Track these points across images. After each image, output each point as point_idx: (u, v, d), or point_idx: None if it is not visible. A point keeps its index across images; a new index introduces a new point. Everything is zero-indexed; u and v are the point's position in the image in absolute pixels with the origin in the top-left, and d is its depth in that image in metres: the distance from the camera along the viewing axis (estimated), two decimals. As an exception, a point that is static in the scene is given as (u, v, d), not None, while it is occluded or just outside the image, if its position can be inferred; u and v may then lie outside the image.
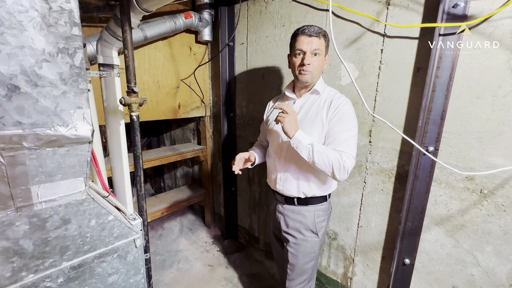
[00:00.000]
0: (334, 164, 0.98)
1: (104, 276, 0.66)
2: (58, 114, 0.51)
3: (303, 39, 1.04)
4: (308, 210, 1.17)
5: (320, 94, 1.13)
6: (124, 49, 0.73)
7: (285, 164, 1.17)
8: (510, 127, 1.00)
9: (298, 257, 1.22)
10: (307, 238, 1.19)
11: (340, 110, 1.05)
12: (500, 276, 1.10)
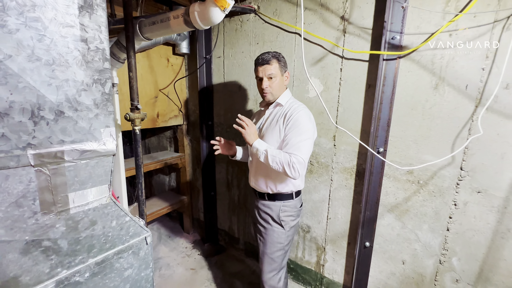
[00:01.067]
0: (284, 164, 1.15)
1: (121, 271, 0.75)
2: (91, 132, 0.61)
3: (258, 68, 1.30)
4: (275, 205, 1.36)
5: (283, 106, 1.32)
6: (129, 72, 0.83)
7: (256, 165, 1.39)
8: (435, 132, 1.31)
9: (267, 245, 1.40)
10: (273, 229, 1.37)
11: (293, 118, 1.23)
12: (434, 247, 1.40)
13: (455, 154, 1.27)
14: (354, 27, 1.44)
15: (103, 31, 0.60)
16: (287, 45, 1.69)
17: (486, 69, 1.15)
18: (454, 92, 1.23)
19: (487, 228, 1.25)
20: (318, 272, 1.88)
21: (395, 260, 1.54)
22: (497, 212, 1.22)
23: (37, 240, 0.55)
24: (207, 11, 0.75)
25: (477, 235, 1.28)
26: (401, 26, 1.28)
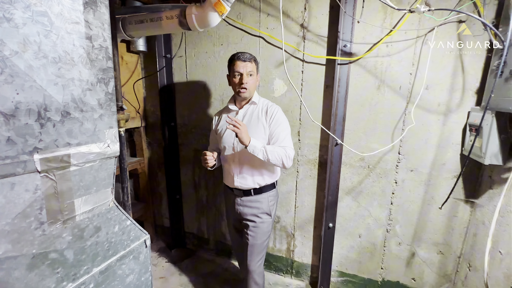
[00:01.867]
0: (283, 157, 1.30)
1: (123, 277, 0.73)
2: (96, 134, 0.58)
3: (239, 63, 1.31)
4: (262, 197, 1.44)
5: (257, 104, 1.41)
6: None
7: (239, 165, 1.41)
8: (380, 124, 1.59)
9: (257, 237, 1.47)
10: (264, 220, 1.46)
11: (275, 116, 1.37)
12: (382, 219, 1.71)
13: (394, 141, 1.57)
14: (312, 35, 1.63)
15: (106, 29, 0.58)
16: (252, 47, 1.79)
17: (413, 74, 1.47)
18: (392, 92, 1.53)
19: (418, 198, 1.60)
20: (288, 258, 2.04)
21: (353, 235, 1.80)
22: (424, 185, 1.57)
23: (44, 253, 0.51)
24: (206, 15, 0.77)
25: (412, 205, 1.62)
26: (351, 36, 1.51)
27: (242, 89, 1.33)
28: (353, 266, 1.85)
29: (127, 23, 0.82)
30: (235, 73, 1.33)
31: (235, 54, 1.33)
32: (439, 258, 1.62)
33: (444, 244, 1.59)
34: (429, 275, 1.67)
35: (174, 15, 0.82)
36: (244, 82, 1.31)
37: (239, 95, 1.36)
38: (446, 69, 1.40)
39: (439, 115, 1.46)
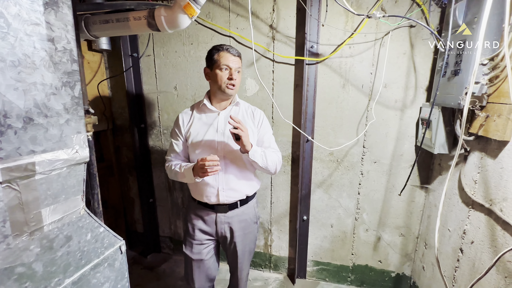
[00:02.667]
0: (277, 162, 1.25)
1: (98, 286, 0.71)
2: (63, 140, 0.55)
3: (229, 56, 1.15)
4: (249, 207, 1.32)
5: (240, 106, 1.29)
6: None
7: (225, 175, 1.22)
8: (345, 120, 1.70)
9: (248, 245, 1.36)
10: (252, 230, 1.35)
11: (263, 120, 1.31)
12: (351, 209, 1.83)
13: (359, 136, 1.70)
14: (281, 35, 1.68)
15: (70, 30, 0.55)
16: (223, 47, 1.79)
17: (373, 73, 1.60)
18: (355, 90, 1.65)
19: (381, 187, 1.75)
20: (266, 252, 2.10)
21: (326, 226, 1.91)
22: (386, 174, 1.72)
23: (9, 268, 0.48)
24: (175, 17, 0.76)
25: (376, 193, 1.77)
26: (317, 38, 1.60)
27: (230, 85, 1.16)
28: (327, 254, 1.97)
29: (90, 23, 0.78)
30: (222, 67, 1.14)
31: (222, 45, 1.16)
32: (401, 240, 1.80)
33: (404, 227, 1.77)
34: (393, 256, 1.84)
35: (142, 16, 0.80)
36: (234, 78, 1.15)
37: (226, 92, 1.17)
38: (401, 69, 1.55)
39: (397, 111, 1.61)
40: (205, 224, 1.30)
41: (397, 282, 1.87)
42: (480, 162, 1.16)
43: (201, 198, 1.26)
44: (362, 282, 1.94)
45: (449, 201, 1.40)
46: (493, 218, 1.07)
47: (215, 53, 1.17)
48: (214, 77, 1.19)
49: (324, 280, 2.02)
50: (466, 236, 1.24)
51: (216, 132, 1.23)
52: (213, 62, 1.17)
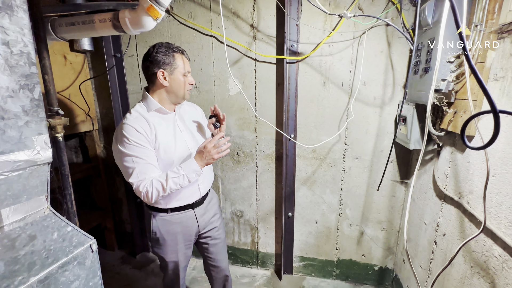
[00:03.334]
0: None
1: (67, 284, 0.72)
2: (23, 141, 0.56)
3: (187, 61, 1.14)
4: (212, 192, 1.43)
5: (182, 104, 1.25)
6: (43, 75, 0.76)
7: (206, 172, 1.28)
8: (327, 118, 1.73)
9: (222, 234, 1.44)
10: (220, 214, 1.46)
11: (203, 113, 1.41)
12: (334, 205, 1.87)
13: (340, 133, 1.73)
14: (262, 35, 1.70)
15: (27, 34, 0.56)
16: (205, 46, 1.80)
17: (352, 71, 1.63)
18: (336, 88, 1.68)
19: (363, 183, 1.78)
20: (254, 249, 2.13)
21: (311, 222, 1.95)
22: (367, 170, 1.76)
23: (-32, 267, 0.49)
24: (139, 19, 0.77)
25: (359, 189, 1.80)
26: (297, 37, 1.62)
27: (189, 90, 1.18)
28: (312, 250, 2.00)
29: (57, 25, 0.78)
30: (185, 73, 1.13)
31: (176, 47, 1.12)
32: (383, 234, 1.84)
33: (386, 221, 1.81)
34: (376, 250, 1.88)
35: (107, 18, 0.81)
36: (193, 83, 1.18)
37: (185, 97, 1.19)
38: (379, 67, 1.58)
39: (376, 108, 1.64)
40: (185, 227, 1.26)
41: (380, 276, 1.92)
42: (450, 157, 1.20)
43: (181, 201, 1.21)
44: (347, 276, 1.99)
45: (424, 195, 1.44)
46: (461, 211, 1.11)
47: (173, 56, 1.10)
48: (175, 82, 1.13)
49: (310, 275, 2.06)
50: (439, 228, 1.28)
51: (181, 132, 1.21)
52: (174, 66, 1.11)
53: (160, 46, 1.09)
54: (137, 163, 1.06)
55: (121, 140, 1.05)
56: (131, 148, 1.05)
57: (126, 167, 1.07)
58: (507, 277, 0.84)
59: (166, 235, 1.23)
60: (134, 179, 1.06)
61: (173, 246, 1.26)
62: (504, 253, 0.86)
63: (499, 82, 0.92)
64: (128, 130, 1.05)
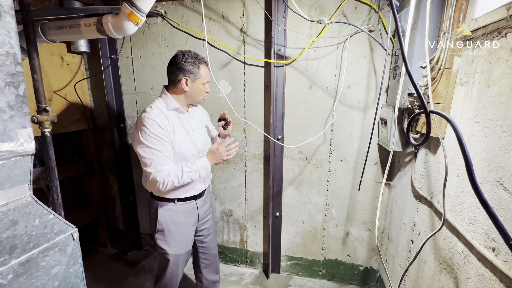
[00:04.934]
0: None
1: (48, 269, 0.77)
2: (7, 133, 0.62)
3: (208, 72, 1.29)
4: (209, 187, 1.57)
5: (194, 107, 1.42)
6: (33, 74, 0.81)
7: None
8: (313, 120, 1.78)
9: (215, 226, 1.60)
10: (213, 207, 1.60)
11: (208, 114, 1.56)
12: (321, 205, 1.91)
13: (326, 135, 1.78)
14: (251, 39, 1.76)
15: (13, 36, 0.62)
16: (197, 50, 1.86)
17: (337, 75, 1.68)
18: (321, 91, 1.73)
19: (348, 184, 1.83)
20: (242, 248, 2.17)
21: (298, 221, 1.99)
22: (352, 172, 1.80)
23: (-49, 245, 0.55)
24: (121, 24, 0.83)
25: (344, 190, 1.85)
26: (284, 41, 1.68)
27: (205, 97, 1.33)
28: (299, 249, 2.04)
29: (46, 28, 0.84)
30: (205, 82, 1.27)
31: (202, 58, 1.25)
32: (368, 235, 1.88)
33: (370, 222, 1.85)
34: (361, 250, 1.91)
35: (92, 22, 0.87)
36: (209, 91, 1.33)
37: (201, 102, 1.35)
38: (362, 71, 1.64)
39: (360, 111, 1.70)
40: (188, 216, 1.38)
41: (365, 276, 1.95)
42: (425, 158, 1.25)
43: (186, 193, 1.34)
44: (332, 276, 2.02)
45: (404, 195, 1.49)
46: (433, 210, 1.15)
47: (198, 66, 1.23)
48: (195, 90, 1.26)
49: (297, 275, 2.09)
50: (415, 228, 1.32)
51: (192, 131, 1.34)
52: (197, 76, 1.24)
53: (189, 55, 1.21)
54: (156, 155, 1.17)
55: (144, 132, 1.16)
56: (152, 141, 1.16)
57: (145, 157, 1.18)
58: (468, 272, 0.88)
59: (171, 224, 1.33)
60: (152, 169, 1.18)
61: (177, 237, 1.36)
62: (466, 249, 0.90)
63: (463, 86, 0.97)
64: (151, 124, 1.16)
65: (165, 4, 1.84)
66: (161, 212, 1.32)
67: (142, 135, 1.16)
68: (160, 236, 1.34)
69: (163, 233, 1.34)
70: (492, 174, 0.79)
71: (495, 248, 0.77)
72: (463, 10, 0.97)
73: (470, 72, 0.93)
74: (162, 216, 1.32)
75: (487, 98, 0.83)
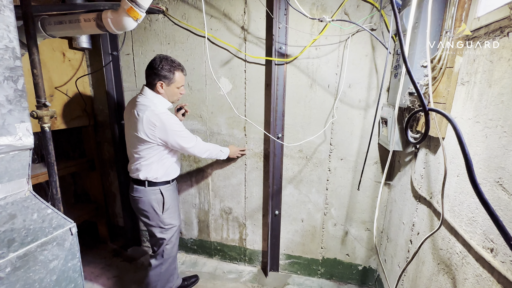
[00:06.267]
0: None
1: (46, 263, 0.78)
2: (6, 127, 0.62)
3: (183, 77, 1.50)
4: None
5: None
6: (32, 69, 0.82)
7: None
8: (313, 119, 1.78)
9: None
10: None
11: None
12: (320, 204, 1.91)
13: (326, 134, 1.77)
14: (252, 37, 1.76)
15: (12, 30, 0.62)
16: (198, 47, 1.86)
17: (338, 74, 1.68)
18: (322, 90, 1.72)
19: (348, 183, 1.82)
20: (241, 246, 2.17)
21: (297, 220, 1.99)
22: (352, 171, 1.80)
23: (-51, 237, 0.55)
24: (120, 20, 0.83)
25: (343, 189, 1.84)
26: (285, 39, 1.67)
27: (178, 98, 1.57)
28: (298, 248, 2.04)
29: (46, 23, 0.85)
30: (180, 86, 1.50)
31: (178, 64, 1.46)
32: (367, 234, 1.87)
33: (370, 222, 1.84)
34: (360, 250, 1.91)
35: (91, 18, 0.87)
36: (182, 93, 1.57)
37: (176, 102, 1.60)
38: (363, 70, 1.63)
39: (360, 110, 1.69)
40: (176, 192, 1.72)
41: (364, 275, 1.95)
42: (425, 158, 1.24)
43: (175, 174, 1.64)
44: (331, 275, 2.02)
45: (404, 195, 1.48)
46: (432, 210, 1.14)
47: (173, 72, 1.44)
48: (169, 92, 1.49)
49: (296, 273, 2.09)
50: (414, 228, 1.32)
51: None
52: (172, 81, 1.46)
53: (165, 62, 1.41)
54: (188, 132, 1.53)
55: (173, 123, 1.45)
56: (181, 126, 1.50)
57: (186, 135, 1.51)
58: (465, 272, 0.88)
59: (172, 201, 1.63)
60: (192, 137, 1.56)
61: (177, 210, 1.68)
62: (464, 249, 0.89)
63: (465, 86, 0.96)
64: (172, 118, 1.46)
65: (166, 1, 1.84)
66: (165, 193, 1.57)
67: (173, 125, 1.44)
68: (167, 214, 1.59)
69: (168, 211, 1.59)
70: (491, 174, 0.78)
71: (493, 249, 0.77)
72: (466, 9, 0.96)
73: (471, 72, 0.93)
74: (167, 197, 1.57)
75: (488, 98, 0.82)
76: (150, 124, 1.38)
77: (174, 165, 1.61)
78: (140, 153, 1.47)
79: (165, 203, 1.57)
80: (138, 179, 1.52)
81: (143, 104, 1.41)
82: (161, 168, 1.53)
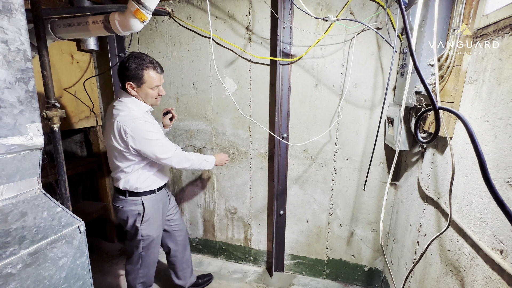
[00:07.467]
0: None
1: (55, 260, 0.79)
2: (17, 127, 0.64)
3: (157, 75, 1.31)
4: None
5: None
6: (42, 70, 0.84)
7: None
8: (318, 119, 1.77)
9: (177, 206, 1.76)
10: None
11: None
12: (325, 204, 1.90)
13: (331, 134, 1.76)
14: (257, 37, 1.76)
15: (23, 33, 0.64)
16: (203, 48, 1.88)
17: (343, 74, 1.67)
18: (327, 90, 1.72)
19: (353, 184, 1.81)
20: (246, 246, 2.17)
21: (302, 220, 1.98)
22: (357, 171, 1.78)
23: (-36, 234, 0.57)
24: (128, 22, 0.84)
25: (349, 189, 1.83)
26: (290, 39, 1.67)
27: (158, 99, 1.40)
28: (303, 248, 2.03)
29: (55, 26, 0.87)
30: (154, 86, 1.32)
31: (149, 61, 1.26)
32: (373, 235, 1.85)
33: (376, 222, 1.82)
34: (366, 251, 1.89)
35: (99, 20, 0.89)
36: (162, 94, 1.39)
37: (153, 104, 1.42)
38: (369, 70, 1.61)
39: (366, 110, 1.67)
40: (163, 201, 1.58)
41: (369, 277, 1.93)
42: (432, 158, 1.22)
43: (162, 181, 1.53)
44: (336, 276, 2.01)
45: (410, 196, 1.46)
46: (440, 211, 1.13)
47: (141, 72, 1.25)
48: (143, 94, 1.33)
49: (301, 274, 2.09)
50: (421, 229, 1.30)
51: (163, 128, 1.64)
52: (142, 81, 1.27)
53: (132, 60, 1.23)
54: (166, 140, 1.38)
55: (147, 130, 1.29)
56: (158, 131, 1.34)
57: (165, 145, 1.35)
58: (474, 274, 0.86)
59: (154, 213, 1.49)
60: (172, 146, 1.39)
61: (159, 221, 1.54)
62: (472, 250, 0.88)
63: (473, 85, 0.95)
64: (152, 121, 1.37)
65: (172, 3, 1.86)
66: (146, 204, 1.44)
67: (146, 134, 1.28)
68: (145, 226, 1.46)
69: (147, 222, 1.46)
70: (501, 174, 0.77)
71: (503, 250, 0.75)
72: (474, 6, 0.94)
73: (480, 70, 0.91)
74: (148, 208, 1.45)
75: (497, 97, 0.81)
76: (121, 131, 1.24)
77: (158, 174, 1.48)
78: (117, 162, 1.35)
79: (145, 214, 1.43)
80: (119, 188, 1.41)
81: (117, 108, 1.28)
82: (141, 177, 1.40)
